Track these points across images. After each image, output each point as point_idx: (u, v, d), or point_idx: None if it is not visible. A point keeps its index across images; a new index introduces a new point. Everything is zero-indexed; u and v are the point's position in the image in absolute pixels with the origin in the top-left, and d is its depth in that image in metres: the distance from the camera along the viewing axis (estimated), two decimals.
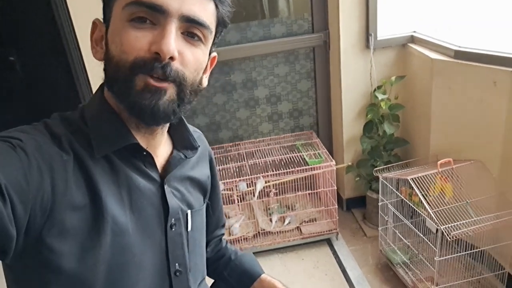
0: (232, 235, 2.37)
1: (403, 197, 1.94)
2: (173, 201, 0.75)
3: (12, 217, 0.52)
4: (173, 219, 0.75)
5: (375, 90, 2.33)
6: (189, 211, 0.79)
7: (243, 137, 2.61)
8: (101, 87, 0.71)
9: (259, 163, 2.35)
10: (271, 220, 2.44)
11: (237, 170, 2.32)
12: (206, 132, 2.54)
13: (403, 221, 1.95)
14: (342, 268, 2.24)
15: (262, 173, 2.27)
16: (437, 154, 2.12)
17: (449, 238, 1.59)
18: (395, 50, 2.32)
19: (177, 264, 0.76)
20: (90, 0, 1.41)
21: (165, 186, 0.74)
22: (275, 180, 2.36)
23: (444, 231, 1.61)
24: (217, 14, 0.68)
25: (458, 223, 1.65)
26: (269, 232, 2.41)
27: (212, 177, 0.92)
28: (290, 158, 2.35)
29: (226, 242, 1.05)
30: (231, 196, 2.30)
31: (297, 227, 2.44)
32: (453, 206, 1.74)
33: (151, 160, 0.73)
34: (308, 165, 2.31)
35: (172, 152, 0.79)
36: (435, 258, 1.71)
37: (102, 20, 0.68)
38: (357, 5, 2.19)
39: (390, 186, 1.99)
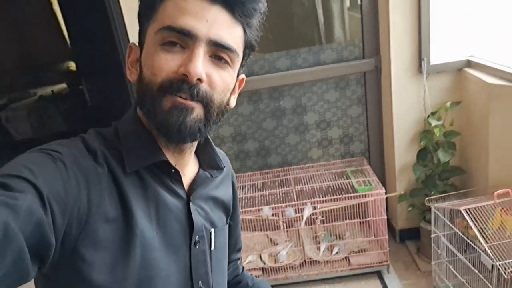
0: (278, 262, 2.33)
1: (456, 230, 1.82)
2: (198, 219, 0.76)
3: (52, 226, 0.55)
4: (197, 236, 0.75)
5: (429, 116, 2.24)
6: (212, 230, 0.79)
7: (292, 163, 2.60)
8: (134, 106, 0.74)
9: (306, 189, 2.32)
10: (318, 249, 2.38)
11: (283, 195, 2.31)
12: (255, 157, 2.56)
13: (457, 255, 1.82)
14: None
15: (309, 199, 2.24)
16: (497, 185, 1.97)
17: (506, 275, 1.46)
18: (450, 75, 2.22)
19: (200, 281, 0.76)
20: None
21: (191, 204, 0.75)
22: (323, 208, 2.31)
23: (500, 267, 1.49)
24: (245, 38, 0.70)
25: None
26: (317, 261, 2.34)
27: (234, 199, 0.92)
28: (339, 185, 2.30)
29: (243, 268, 1.05)
30: (276, 222, 2.28)
31: (346, 257, 2.36)
32: None
33: (178, 177, 0.74)
34: (357, 192, 2.25)
35: (198, 171, 0.80)
36: None
37: (137, 44, 0.72)
38: (409, 29, 2.14)
39: (443, 217, 1.88)
